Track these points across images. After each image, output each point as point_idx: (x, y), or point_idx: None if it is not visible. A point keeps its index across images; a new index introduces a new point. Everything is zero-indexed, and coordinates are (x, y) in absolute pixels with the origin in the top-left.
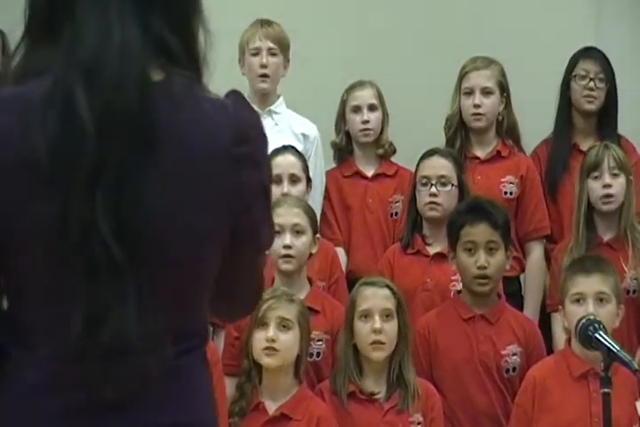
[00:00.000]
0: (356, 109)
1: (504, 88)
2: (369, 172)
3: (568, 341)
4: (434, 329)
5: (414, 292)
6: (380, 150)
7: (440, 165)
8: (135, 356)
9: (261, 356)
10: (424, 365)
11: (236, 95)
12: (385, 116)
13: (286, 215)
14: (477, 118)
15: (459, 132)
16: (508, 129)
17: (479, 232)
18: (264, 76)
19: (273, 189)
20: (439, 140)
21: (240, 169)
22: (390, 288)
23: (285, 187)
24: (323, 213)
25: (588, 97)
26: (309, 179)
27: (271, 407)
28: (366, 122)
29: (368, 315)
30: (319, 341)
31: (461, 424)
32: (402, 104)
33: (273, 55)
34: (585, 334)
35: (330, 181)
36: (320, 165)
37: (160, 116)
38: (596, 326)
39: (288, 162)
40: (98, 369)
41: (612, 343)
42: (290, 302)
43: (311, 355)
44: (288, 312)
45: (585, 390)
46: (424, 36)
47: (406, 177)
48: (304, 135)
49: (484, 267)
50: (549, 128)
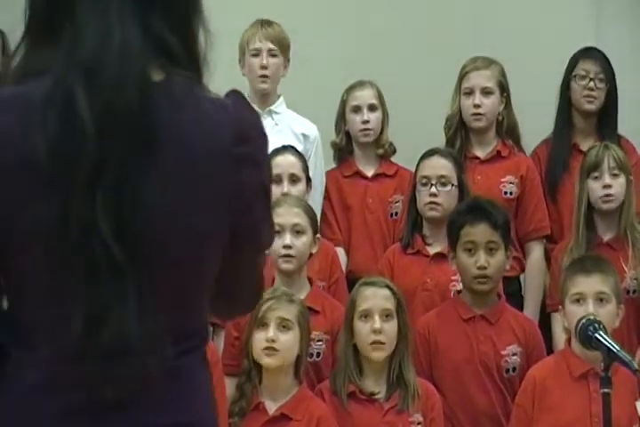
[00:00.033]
0: (356, 109)
1: (504, 88)
2: (369, 172)
3: (568, 341)
4: (434, 329)
5: (414, 292)
6: (380, 150)
7: (440, 165)
8: (135, 356)
9: (261, 356)
10: (424, 365)
11: (237, 95)
12: (385, 116)
13: (286, 215)
14: (477, 118)
15: (459, 133)
16: (507, 129)
17: (479, 232)
18: (264, 76)
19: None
20: (439, 141)
21: (240, 169)
22: (390, 288)
23: (285, 187)
24: (323, 213)
25: (587, 97)
26: (309, 179)
27: (271, 408)
28: (366, 122)
29: (368, 315)
30: (319, 341)
31: (461, 424)
32: (402, 104)
33: (273, 56)
34: (585, 334)
35: (330, 181)
36: (320, 165)
37: (160, 116)
38: (596, 326)
39: (288, 162)
40: (98, 369)
41: (612, 343)
42: (290, 302)
43: (311, 355)
44: (288, 312)
45: (585, 390)
46: (424, 36)
47: (406, 177)
48: (304, 135)
49: (484, 267)
50: (549, 128)
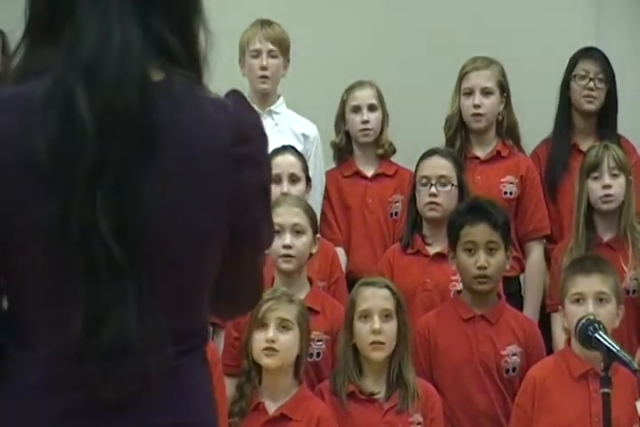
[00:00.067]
0: (356, 109)
1: (504, 88)
2: (369, 172)
3: (568, 341)
4: (434, 329)
5: (414, 292)
6: (380, 150)
7: (440, 165)
8: (135, 356)
9: (261, 356)
10: (424, 365)
11: (237, 95)
12: (385, 116)
13: (286, 215)
14: (477, 119)
15: (459, 133)
16: (508, 129)
17: (479, 232)
18: (264, 77)
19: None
20: (439, 141)
21: (240, 169)
22: (390, 288)
23: (285, 186)
24: (323, 213)
25: (587, 97)
26: (309, 179)
27: (271, 408)
28: (366, 122)
29: (367, 315)
30: (319, 341)
31: (461, 424)
32: (402, 104)
33: (273, 57)
34: (585, 334)
35: (330, 181)
36: (320, 165)
37: (160, 116)
38: (596, 326)
39: (288, 162)
40: (98, 369)
41: (612, 343)
42: (290, 302)
43: (311, 355)
44: (288, 313)
45: (585, 390)
46: (424, 36)
47: (406, 177)
48: (304, 135)
49: (483, 267)
50: (549, 128)
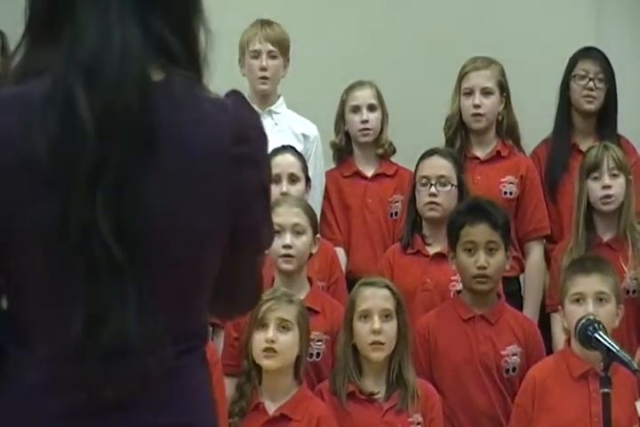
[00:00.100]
0: (356, 109)
1: (504, 88)
2: (368, 172)
3: (568, 341)
4: (434, 329)
5: (414, 292)
6: (380, 150)
7: (440, 165)
8: (135, 356)
9: (261, 357)
10: (424, 365)
11: (237, 95)
12: (384, 116)
13: (286, 215)
14: (477, 119)
15: (459, 133)
16: (507, 129)
17: (479, 232)
18: (264, 78)
19: (272, 189)
20: (439, 141)
21: (240, 169)
22: (390, 288)
23: (284, 186)
24: (322, 214)
25: (587, 97)
26: (309, 179)
27: (271, 408)
28: (365, 122)
29: (367, 315)
30: (319, 341)
31: (461, 424)
32: (402, 104)
33: (273, 58)
34: (585, 334)
35: (329, 181)
36: (320, 165)
37: (160, 116)
38: (596, 326)
39: (287, 162)
40: (98, 369)
41: (612, 343)
42: (289, 302)
43: (311, 355)
44: (287, 313)
45: (585, 390)
46: (424, 36)
47: (406, 177)
48: (304, 135)
49: (483, 267)
50: (549, 128)
